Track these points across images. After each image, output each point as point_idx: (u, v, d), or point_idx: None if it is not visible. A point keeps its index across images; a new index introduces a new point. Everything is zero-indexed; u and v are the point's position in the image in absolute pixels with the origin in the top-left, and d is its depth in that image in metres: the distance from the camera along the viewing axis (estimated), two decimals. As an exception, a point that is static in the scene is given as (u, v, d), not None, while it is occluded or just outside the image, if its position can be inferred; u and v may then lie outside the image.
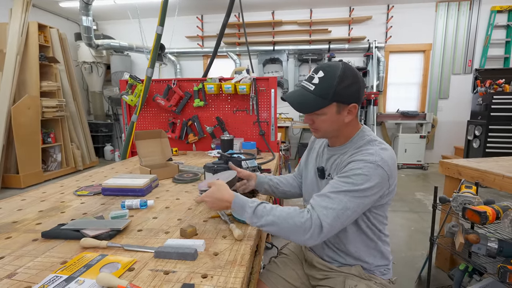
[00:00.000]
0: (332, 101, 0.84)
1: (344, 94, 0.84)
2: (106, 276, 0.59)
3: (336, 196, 0.78)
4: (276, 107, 2.25)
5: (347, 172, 0.81)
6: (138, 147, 1.55)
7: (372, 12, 5.19)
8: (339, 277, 0.96)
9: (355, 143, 0.91)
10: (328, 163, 0.97)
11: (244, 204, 0.82)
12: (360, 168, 0.80)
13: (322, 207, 0.78)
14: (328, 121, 0.88)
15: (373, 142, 0.88)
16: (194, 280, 0.61)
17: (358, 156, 0.83)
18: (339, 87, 0.83)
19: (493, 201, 1.41)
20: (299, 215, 0.78)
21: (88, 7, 4.07)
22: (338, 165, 0.90)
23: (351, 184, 0.79)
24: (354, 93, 0.85)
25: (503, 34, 5.00)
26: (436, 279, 1.91)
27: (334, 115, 0.87)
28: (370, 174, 0.79)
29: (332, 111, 0.86)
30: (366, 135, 0.92)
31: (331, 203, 0.78)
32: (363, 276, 0.94)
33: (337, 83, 0.82)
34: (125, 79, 2.32)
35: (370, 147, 0.85)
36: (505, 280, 1.21)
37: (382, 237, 0.97)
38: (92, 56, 5.44)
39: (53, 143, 4.47)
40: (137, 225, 0.90)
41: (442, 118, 5.34)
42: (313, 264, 1.04)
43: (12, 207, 1.06)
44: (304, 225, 0.76)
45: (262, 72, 5.57)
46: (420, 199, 3.49)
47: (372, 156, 0.81)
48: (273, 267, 1.10)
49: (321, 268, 1.01)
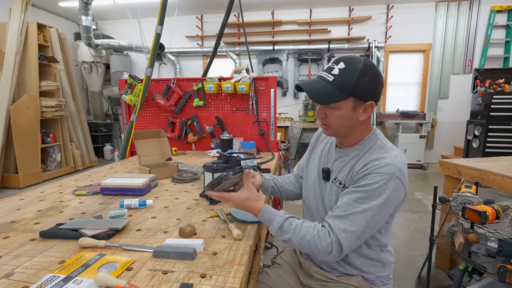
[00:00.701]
0: (350, 95, 0.79)
1: (363, 89, 0.79)
2: (104, 276, 0.58)
3: (355, 219, 0.77)
4: (276, 107, 2.24)
5: (365, 186, 0.78)
6: (137, 146, 1.55)
7: (372, 12, 5.19)
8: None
9: (366, 146, 0.86)
10: (335, 164, 0.92)
11: (271, 218, 0.83)
12: (378, 182, 0.77)
13: (341, 230, 0.77)
14: (342, 117, 0.82)
15: (385, 147, 0.84)
16: (192, 280, 0.61)
17: (374, 168, 0.79)
18: (359, 82, 0.78)
19: (493, 200, 1.41)
20: (320, 238, 0.78)
21: (88, 6, 4.06)
22: (349, 171, 0.86)
23: (367, 199, 0.77)
24: (374, 90, 0.81)
25: (502, 34, 5.00)
26: (436, 279, 1.91)
27: (350, 111, 0.81)
28: (387, 187, 0.77)
29: (348, 106, 0.81)
30: (378, 138, 0.87)
31: (350, 226, 0.77)
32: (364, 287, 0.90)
33: (358, 77, 0.77)
34: (125, 79, 2.31)
35: (385, 155, 0.81)
36: (505, 280, 1.20)
37: (384, 247, 0.93)
38: (92, 56, 5.43)
39: (53, 143, 4.46)
40: (136, 225, 0.90)
41: (441, 118, 5.34)
42: (311, 273, 0.98)
43: (10, 207, 1.06)
44: (326, 248, 0.78)
45: (262, 72, 5.56)
46: (419, 199, 3.49)
47: (388, 167, 0.77)
48: (265, 278, 1.04)
49: (319, 278, 0.96)
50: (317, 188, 0.97)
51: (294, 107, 5.64)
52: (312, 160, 1.04)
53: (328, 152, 0.97)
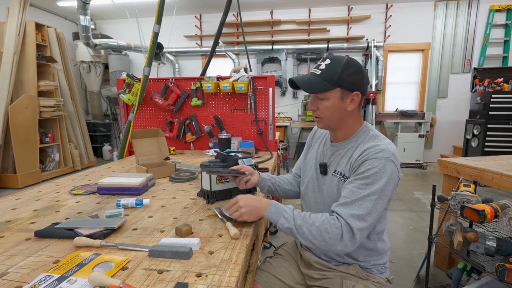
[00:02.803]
0: (336, 85, 0.87)
1: (348, 80, 0.87)
2: (99, 275, 0.58)
3: (361, 203, 0.82)
4: (274, 106, 2.24)
5: (365, 173, 0.84)
6: (134, 146, 1.54)
7: (371, 11, 5.18)
8: (336, 277, 0.97)
9: (360, 138, 0.93)
10: (331, 158, 0.98)
11: (281, 209, 0.86)
12: (376, 167, 0.83)
13: (349, 215, 0.81)
14: (332, 107, 0.90)
15: (378, 137, 0.91)
16: (188, 279, 0.60)
17: (371, 154, 0.85)
18: (343, 74, 0.87)
19: (492, 199, 1.40)
20: (330, 223, 0.82)
21: (86, 6, 4.05)
22: (348, 161, 0.91)
23: (370, 185, 0.82)
24: (357, 82, 0.89)
25: (501, 33, 5.00)
26: (435, 278, 1.91)
27: (338, 101, 0.90)
28: (385, 170, 0.83)
29: (335, 96, 0.89)
30: (370, 130, 0.94)
31: (357, 210, 0.82)
32: (361, 276, 0.95)
33: (342, 69, 0.87)
34: (122, 78, 2.30)
35: (379, 142, 0.87)
36: (504, 278, 1.20)
37: (380, 235, 0.97)
38: (90, 56, 5.42)
39: (51, 143, 4.45)
40: (132, 224, 0.89)
41: (440, 117, 5.34)
42: (311, 263, 1.04)
43: (6, 206, 1.05)
44: (337, 234, 0.80)
45: (261, 71, 5.56)
46: (418, 198, 3.49)
47: (384, 152, 0.84)
48: (267, 267, 1.11)
49: (319, 267, 1.02)
50: (315, 183, 1.03)
51: (293, 106, 5.64)
52: (309, 158, 1.10)
53: (324, 148, 1.04)
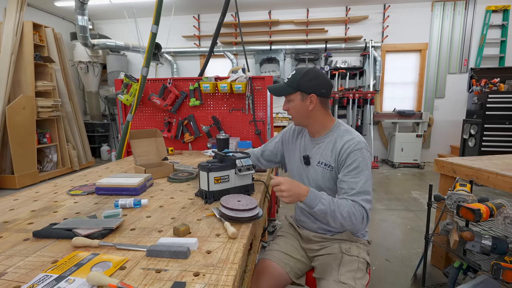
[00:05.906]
0: (297, 90, 1.12)
1: (305, 85, 1.11)
2: (97, 275, 0.58)
3: (365, 188, 1.04)
4: (272, 106, 2.25)
5: (353, 164, 1.06)
6: (133, 146, 1.55)
7: (369, 12, 5.20)
8: (334, 244, 1.17)
9: (335, 132, 1.16)
10: (313, 151, 1.19)
11: (318, 195, 1.00)
12: (360, 156, 1.06)
13: (363, 200, 1.02)
14: (296, 107, 1.14)
15: (350, 131, 1.14)
16: (185, 279, 0.61)
17: (351, 147, 1.07)
18: (302, 80, 1.11)
19: (487, 198, 1.42)
20: (354, 207, 1.00)
21: (84, 6, 4.04)
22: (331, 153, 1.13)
23: (362, 171, 1.05)
24: (313, 86, 1.11)
25: (498, 33, 5.03)
26: (431, 277, 1.92)
27: (300, 102, 1.13)
28: (367, 157, 1.07)
29: (297, 98, 1.13)
30: (342, 125, 1.18)
31: (364, 195, 1.03)
32: (352, 239, 1.17)
33: (300, 77, 1.11)
34: (120, 79, 2.31)
35: (353, 136, 1.11)
36: (499, 277, 1.21)
37: None
38: (88, 56, 5.41)
39: (49, 143, 4.44)
40: (130, 224, 0.89)
41: (438, 117, 5.37)
42: (310, 238, 1.22)
43: (3, 207, 1.05)
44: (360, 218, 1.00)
45: (259, 72, 5.56)
46: (416, 198, 3.51)
47: (360, 143, 1.08)
48: (274, 246, 1.26)
49: (318, 240, 1.21)
50: (302, 172, 1.24)
51: (291, 106, 5.63)
52: (292, 150, 1.30)
53: (305, 143, 1.25)
